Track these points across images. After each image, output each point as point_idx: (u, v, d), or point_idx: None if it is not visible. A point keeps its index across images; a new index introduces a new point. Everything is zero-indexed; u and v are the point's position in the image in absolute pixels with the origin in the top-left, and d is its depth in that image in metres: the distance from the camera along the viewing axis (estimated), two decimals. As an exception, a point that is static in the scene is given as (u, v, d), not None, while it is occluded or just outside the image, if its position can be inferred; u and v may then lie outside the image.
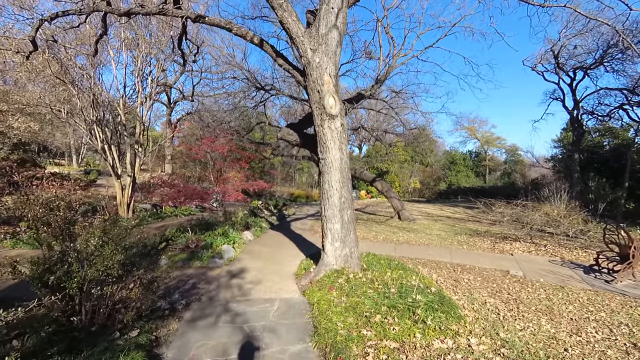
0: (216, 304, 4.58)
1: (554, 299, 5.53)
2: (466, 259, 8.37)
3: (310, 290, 5.06)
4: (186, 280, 5.77)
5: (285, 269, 6.69)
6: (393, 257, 7.90)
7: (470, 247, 10.01)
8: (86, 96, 11.24)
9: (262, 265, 7.01)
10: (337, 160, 5.45)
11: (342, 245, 5.63)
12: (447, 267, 7.58)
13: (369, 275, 5.36)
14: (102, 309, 3.26)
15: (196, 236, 8.46)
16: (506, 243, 10.39)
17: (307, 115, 7.37)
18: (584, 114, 20.20)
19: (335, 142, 5.37)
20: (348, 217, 5.68)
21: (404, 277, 5.42)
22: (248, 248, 8.67)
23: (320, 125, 5.30)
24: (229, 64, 13.74)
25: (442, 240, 10.92)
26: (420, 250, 9.26)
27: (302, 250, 8.61)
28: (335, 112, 5.17)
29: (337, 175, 5.50)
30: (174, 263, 6.76)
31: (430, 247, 9.70)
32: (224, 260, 7.07)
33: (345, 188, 5.63)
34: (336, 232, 5.61)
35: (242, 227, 10.47)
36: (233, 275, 6.14)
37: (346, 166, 5.61)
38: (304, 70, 5.42)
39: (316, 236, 11.19)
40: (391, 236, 11.53)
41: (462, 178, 40.70)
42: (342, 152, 5.48)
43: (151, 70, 13.82)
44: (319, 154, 5.59)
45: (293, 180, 39.09)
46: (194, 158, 9.43)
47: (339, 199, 5.57)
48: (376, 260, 6.68)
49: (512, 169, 42.02)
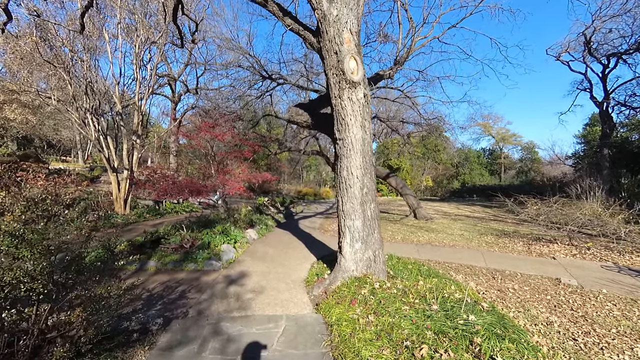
0: (204, 322, 3.55)
1: (633, 317, 4.36)
2: (503, 263, 7.20)
3: (325, 303, 4.00)
4: (174, 287, 4.77)
5: (293, 274, 5.64)
6: (419, 261, 6.80)
7: (502, 249, 8.82)
8: (80, 82, 10.40)
9: (266, 268, 5.98)
10: (359, 141, 4.37)
11: (364, 247, 4.55)
12: (483, 273, 6.43)
13: (398, 284, 4.26)
14: (24, 341, 2.25)
15: (192, 234, 7.49)
16: (542, 245, 9.16)
17: (319, 96, 6.29)
18: (616, 105, 18.63)
19: (357, 118, 4.29)
20: (371, 212, 4.60)
21: (440, 287, 4.32)
22: (251, 248, 7.66)
23: (338, 96, 4.23)
24: (232, 49, 12.77)
25: (467, 241, 9.74)
26: (446, 252, 8.11)
27: (312, 251, 7.57)
28: (357, 78, 4.09)
29: (358, 160, 4.42)
30: (164, 265, 5.78)
31: (457, 249, 8.54)
32: (222, 263, 6.06)
33: (368, 176, 4.55)
34: (357, 230, 4.54)
35: (246, 225, 9.47)
36: (231, 282, 5.12)
37: (369, 148, 4.53)
38: (318, 29, 4.35)
39: (327, 235, 10.12)
40: (410, 236, 10.39)
41: (476, 176, 39.13)
42: (364, 131, 4.40)
43: (150, 58, 12.96)
44: (336, 134, 4.52)
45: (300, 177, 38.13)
46: (193, 147, 8.51)
47: (360, 189, 4.50)
48: (402, 265, 5.58)
49: (529, 166, 40.22)
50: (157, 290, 4.61)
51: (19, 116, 14.37)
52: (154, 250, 6.42)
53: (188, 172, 20.23)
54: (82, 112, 10.60)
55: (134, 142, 12.28)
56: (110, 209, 11.98)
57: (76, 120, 10.39)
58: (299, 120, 5.49)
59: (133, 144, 12.34)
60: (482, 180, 38.48)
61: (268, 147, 16.60)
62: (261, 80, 14.41)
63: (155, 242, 6.80)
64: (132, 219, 10.80)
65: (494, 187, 33.17)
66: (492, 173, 42.82)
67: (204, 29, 16.62)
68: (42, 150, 32.43)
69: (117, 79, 11.32)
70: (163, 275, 5.37)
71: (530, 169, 39.89)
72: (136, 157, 12.25)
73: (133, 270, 5.56)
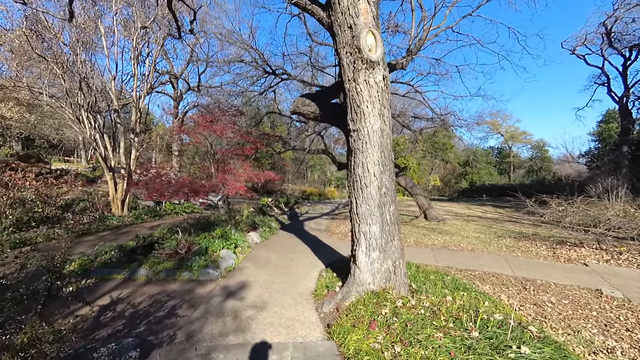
0: (192, 351, 2.91)
1: None
2: (531, 270, 6.49)
3: (339, 325, 3.36)
4: (164, 302, 4.16)
5: (299, 285, 5.01)
6: (439, 269, 6.13)
7: (525, 253, 8.10)
8: (74, 78, 9.88)
9: (269, 277, 5.36)
10: (377, 133, 3.73)
11: (383, 256, 3.90)
12: (512, 282, 5.74)
13: (424, 301, 3.61)
14: None
15: (190, 238, 6.89)
16: (568, 249, 8.42)
17: (328, 87, 5.64)
18: (637, 100, 17.71)
19: (375, 105, 3.64)
20: (390, 216, 3.95)
21: (473, 304, 3.66)
22: (253, 253, 7.05)
23: (353, 79, 3.58)
24: (234, 43, 12.20)
25: (485, 245, 9.04)
26: (466, 258, 7.42)
27: (320, 256, 6.93)
28: (375, 56, 3.44)
29: (376, 155, 3.77)
30: (156, 274, 5.18)
31: (477, 254, 7.85)
32: (221, 271, 5.45)
33: (387, 174, 3.90)
34: (374, 237, 3.89)
35: (248, 227, 8.86)
36: (229, 294, 4.50)
37: (389, 141, 3.88)
38: (328, 1, 3.71)
39: (334, 238, 9.47)
40: (423, 239, 9.71)
41: (484, 175, 38.17)
42: (383, 120, 3.75)
43: (149, 52, 12.42)
44: (349, 125, 3.87)
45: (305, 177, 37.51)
46: (195, 144, 7.93)
47: (377, 189, 3.85)
48: (423, 276, 4.92)
49: (540, 165, 39.15)
50: (143, 305, 4.01)
51: (16, 114, 13.91)
52: (146, 257, 5.83)
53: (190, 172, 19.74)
54: (77, 109, 10.09)
55: (132, 141, 11.76)
56: (108, 210, 11.46)
57: (70, 117, 9.88)
58: (305, 111, 4.85)
59: (131, 142, 11.82)
60: (491, 179, 37.51)
61: (272, 145, 16.01)
62: (264, 76, 13.82)
63: (148, 247, 6.22)
64: (129, 220, 10.26)
65: (504, 187, 32.25)
66: (501, 172, 41.78)
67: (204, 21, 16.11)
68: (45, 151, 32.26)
69: (113, 74, 10.79)
70: (153, 286, 4.77)
71: (541, 167, 38.82)
72: (134, 156, 11.71)
73: (121, 280, 4.96)
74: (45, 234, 7.44)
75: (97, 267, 5.32)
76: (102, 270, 5.23)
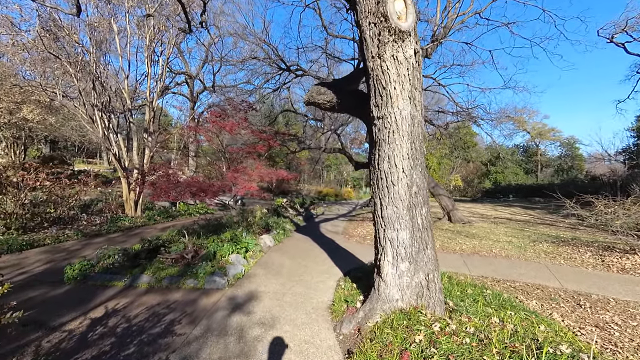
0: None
1: None
2: (581, 282, 5.63)
3: (362, 353, 2.75)
4: (162, 315, 3.69)
5: (315, 297, 4.43)
6: (474, 279, 5.39)
7: (568, 261, 7.19)
8: (88, 77, 9.77)
9: (281, 287, 4.82)
10: (406, 120, 3.10)
11: (413, 268, 3.27)
12: (562, 297, 4.92)
13: (466, 325, 2.94)
14: None
15: (198, 241, 6.46)
16: (618, 256, 7.41)
17: (345, 76, 5.05)
18: (687, 90, 15.95)
19: (404, 86, 3.02)
20: (423, 220, 3.31)
21: (529, 329, 2.96)
22: (265, 258, 6.54)
23: (378, 55, 2.97)
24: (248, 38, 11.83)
25: (521, 251, 8.16)
26: (502, 266, 6.61)
27: (337, 262, 6.34)
28: (406, 25, 2.82)
29: (405, 147, 3.14)
30: (158, 281, 4.75)
31: (514, 262, 7.01)
32: (229, 279, 4.96)
33: (418, 170, 3.27)
34: (402, 244, 3.26)
35: (261, 230, 8.39)
36: (235, 307, 3.98)
37: (420, 130, 3.24)
38: (348, -36, 3.13)
39: (352, 242, 8.84)
40: (450, 244, 8.94)
41: (509, 175, 36.30)
42: (414, 105, 3.12)
43: (162, 51, 12.25)
44: (372, 111, 3.26)
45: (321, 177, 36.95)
46: (210, 140, 7.53)
47: (407, 187, 3.22)
48: (459, 289, 4.22)
49: (570, 164, 36.81)
50: (139, 320, 3.55)
51: (37, 116, 14.14)
52: (150, 262, 5.44)
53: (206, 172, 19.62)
54: (90, 109, 9.97)
55: (145, 140, 11.59)
56: (122, 211, 11.34)
57: (83, 117, 9.77)
58: (321, 100, 4.28)
59: (144, 142, 11.66)
60: (516, 179, 35.62)
61: (287, 145, 15.57)
62: (278, 72, 13.40)
63: (153, 251, 5.82)
64: (141, 222, 10.04)
65: (533, 187, 30.47)
66: (528, 171, 39.61)
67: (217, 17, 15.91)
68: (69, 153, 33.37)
69: (126, 74, 10.64)
70: (154, 295, 4.33)
71: (572, 166, 36.50)
72: (148, 156, 11.54)
73: (120, 288, 4.56)
74: (54, 236, 7.25)
75: (98, 272, 4.96)
76: (102, 275, 4.86)
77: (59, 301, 4.07)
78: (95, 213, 10.90)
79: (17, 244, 6.29)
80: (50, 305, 3.94)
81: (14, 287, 4.65)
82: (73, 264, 4.92)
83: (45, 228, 7.90)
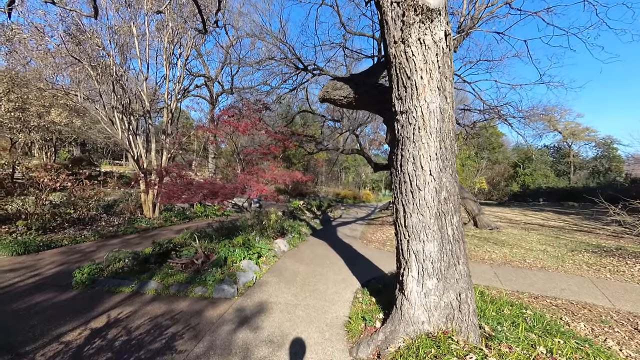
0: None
1: None
2: (635, 301, 4.91)
3: (382, 389, 2.35)
4: (165, 327, 3.44)
5: (329, 311, 4.05)
6: (509, 295, 4.81)
7: (615, 275, 6.38)
8: (108, 79, 9.93)
9: (293, 298, 4.47)
10: (435, 114, 2.67)
11: (442, 286, 2.82)
12: (614, 319, 4.26)
13: (507, 357, 2.46)
14: None
15: (211, 244, 6.25)
16: (676, 270, 6.53)
17: (363, 71, 4.65)
18: None
19: (432, 75, 2.59)
20: (454, 230, 2.86)
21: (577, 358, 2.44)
22: (279, 264, 6.23)
23: (401, 39, 2.57)
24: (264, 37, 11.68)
25: (558, 261, 7.39)
26: (539, 279, 5.94)
27: (354, 271, 5.92)
28: (434, 2, 2.40)
29: (433, 145, 2.71)
30: (166, 288, 4.54)
31: (552, 274, 6.31)
32: (238, 287, 4.68)
33: (448, 172, 2.82)
34: (429, 258, 2.83)
35: (275, 234, 8.12)
36: (243, 321, 3.67)
37: (451, 126, 2.80)
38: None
39: (371, 248, 8.38)
40: (477, 252, 8.27)
41: (538, 177, 34.29)
42: (444, 97, 2.68)
43: (181, 53, 12.34)
44: (395, 105, 2.86)
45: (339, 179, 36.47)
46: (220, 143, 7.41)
47: (435, 193, 2.78)
48: (494, 308, 3.70)
49: (607, 166, 34.28)
50: (140, 332, 3.31)
51: (64, 119, 14.65)
52: (160, 266, 5.26)
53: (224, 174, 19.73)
54: (111, 111, 10.13)
55: (164, 142, 11.67)
56: (140, 212, 11.46)
57: (103, 119, 9.92)
58: (337, 96, 3.90)
59: (162, 143, 11.74)
60: (547, 182, 33.56)
61: (304, 146, 15.30)
62: (296, 73, 13.16)
63: (164, 254, 5.66)
64: (158, 223, 10.05)
65: (566, 190, 28.59)
66: (559, 174, 37.28)
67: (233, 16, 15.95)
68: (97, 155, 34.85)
69: (145, 75, 10.74)
70: (160, 303, 4.10)
71: (609, 168, 33.97)
72: (165, 157, 11.61)
73: (127, 294, 4.38)
74: (72, 236, 7.29)
75: (107, 276, 4.82)
76: (110, 280, 4.71)
77: (64, 308, 3.92)
78: (116, 214, 11.07)
79: (35, 245, 6.34)
80: (54, 312, 3.79)
81: (23, 291, 4.61)
82: (82, 268, 4.81)
83: (65, 229, 8.01)
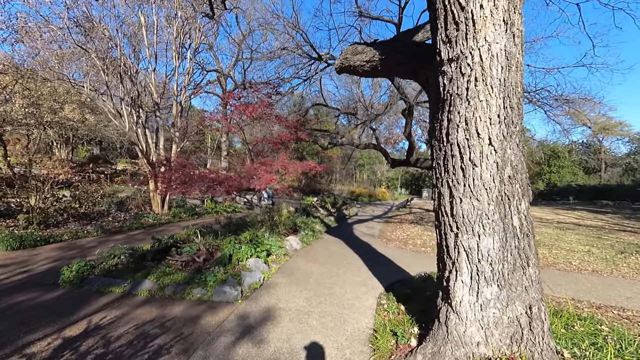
0: None
1: None
2: None
3: None
4: (152, 337, 2.85)
5: (349, 320, 3.37)
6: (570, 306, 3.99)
7: (686, 281, 5.40)
8: (116, 70, 9.60)
9: (306, 303, 3.81)
10: (499, 59, 1.94)
11: (506, 295, 2.08)
12: None
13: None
14: None
15: (216, 241, 5.69)
16: None
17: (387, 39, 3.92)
18: None
19: (497, 1, 1.86)
20: (521, 221, 2.12)
21: None
22: (290, 263, 5.59)
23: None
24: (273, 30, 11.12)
25: (608, 264, 6.44)
26: (594, 284, 5.05)
27: (375, 272, 5.21)
28: None
29: (494, 104, 1.99)
30: (161, 289, 3.97)
31: (608, 279, 5.39)
32: (243, 289, 4.06)
33: (514, 142, 2.09)
34: (486, 257, 2.10)
35: (287, 230, 7.49)
36: (245, 331, 3.04)
37: (519, 77, 2.06)
38: None
39: (391, 247, 7.61)
40: (512, 252, 7.33)
41: (566, 174, 32.31)
42: (511, 35, 1.95)
43: (190, 44, 11.94)
44: (440, 51, 2.14)
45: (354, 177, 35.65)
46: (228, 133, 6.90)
47: (496, 169, 2.05)
48: (561, 323, 2.91)
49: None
50: (120, 343, 2.73)
51: (77, 115, 14.58)
52: (158, 264, 4.72)
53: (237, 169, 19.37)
54: (118, 103, 9.80)
55: (173, 135, 11.28)
56: (149, 208, 11.12)
57: (111, 111, 9.59)
58: (358, 61, 3.21)
59: (171, 136, 11.36)
60: (575, 179, 31.59)
61: (318, 142, 14.65)
62: (309, 63, 12.52)
63: (163, 251, 5.12)
64: (166, 219, 9.63)
65: (598, 188, 26.76)
66: (588, 171, 35.05)
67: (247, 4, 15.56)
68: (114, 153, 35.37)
69: (152, 66, 10.37)
70: (152, 307, 3.53)
71: (645, 165, 31.63)
72: (175, 151, 11.22)
73: (117, 295, 3.84)
74: (73, 232, 6.91)
75: (98, 275, 4.31)
76: (101, 279, 4.19)
77: (44, 310, 3.41)
78: (127, 210, 10.78)
79: (32, 240, 5.95)
80: (31, 314, 3.29)
81: (5, 289, 4.16)
82: (71, 265, 4.32)
83: (69, 224, 7.67)
